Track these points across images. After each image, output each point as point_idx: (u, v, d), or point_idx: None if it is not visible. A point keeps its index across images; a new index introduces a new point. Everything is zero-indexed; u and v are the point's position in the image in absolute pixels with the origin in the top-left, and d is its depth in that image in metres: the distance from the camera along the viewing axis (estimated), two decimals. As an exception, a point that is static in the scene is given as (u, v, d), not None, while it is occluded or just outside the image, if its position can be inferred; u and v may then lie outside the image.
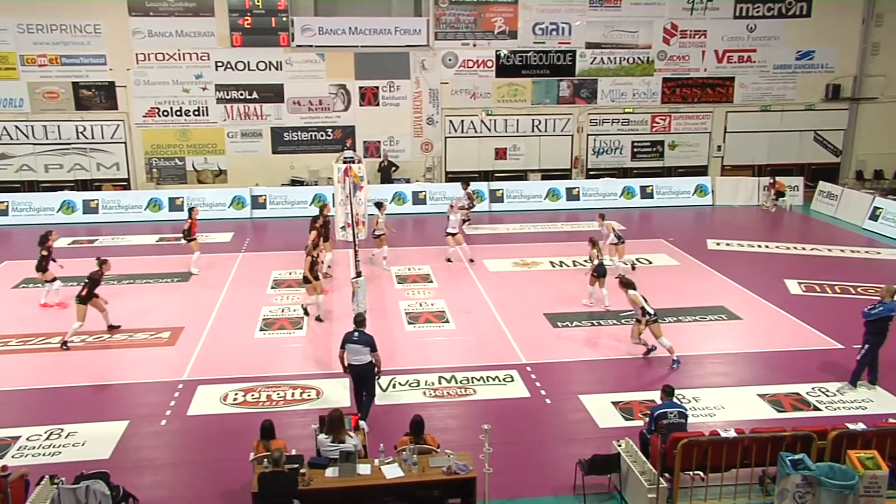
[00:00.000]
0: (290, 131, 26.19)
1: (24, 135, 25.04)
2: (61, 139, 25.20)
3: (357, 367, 10.33)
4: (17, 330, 14.31)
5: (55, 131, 25.11)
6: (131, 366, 12.85)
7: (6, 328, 14.43)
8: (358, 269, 11.89)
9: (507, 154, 27.17)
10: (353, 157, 21.33)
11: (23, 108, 24.83)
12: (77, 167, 25.47)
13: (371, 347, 10.31)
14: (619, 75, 27.01)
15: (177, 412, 11.04)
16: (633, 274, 16.16)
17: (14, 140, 25.05)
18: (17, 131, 25.00)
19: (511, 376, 12.17)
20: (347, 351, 10.36)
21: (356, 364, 10.31)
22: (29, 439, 10.21)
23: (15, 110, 24.82)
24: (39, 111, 24.93)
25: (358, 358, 10.29)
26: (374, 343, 10.36)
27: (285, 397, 11.44)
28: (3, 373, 12.50)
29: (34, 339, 13.86)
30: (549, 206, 25.29)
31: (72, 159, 25.42)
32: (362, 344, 10.30)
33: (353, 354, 10.30)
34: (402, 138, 26.72)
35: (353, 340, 10.34)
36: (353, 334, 10.38)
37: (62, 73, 24.78)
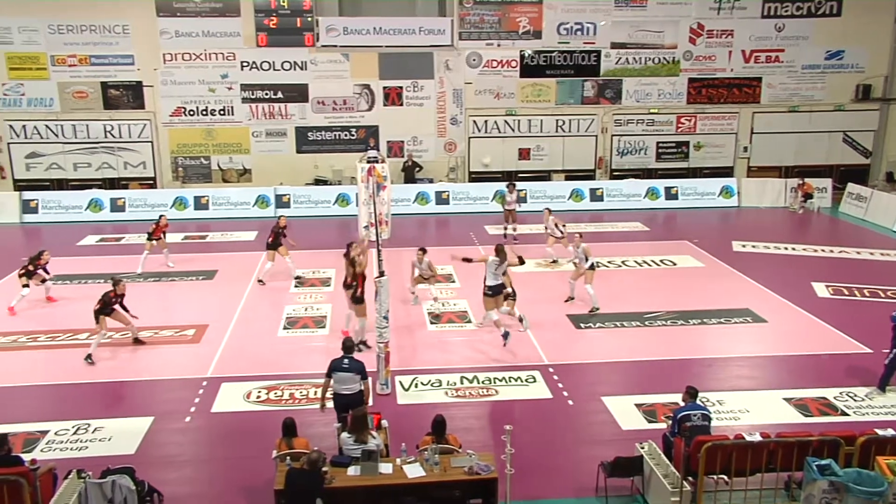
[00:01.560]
0: (315, 131, 26.34)
1: (54, 134, 25.44)
2: (90, 138, 25.58)
3: (346, 396, 9.40)
4: (46, 326, 14.53)
5: (84, 130, 25.49)
6: (156, 362, 12.99)
7: (35, 324, 14.66)
8: (381, 269, 11.89)
9: (531, 154, 27.11)
10: (377, 156, 21.48)
11: (53, 108, 25.23)
12: (105, 166, 25.82)
13: (362, 375, 9.47)
14: (645, 75, 26.83)
15: (201, 409, 11.15)
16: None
17: (44, 139, 25.45)
18: (48, 130, 25.40)
19: (533, 377, 12.14)
20: (335, 380, 9.48)
21: (346, 393, 9.40)
22: (57, 434, 10.36)
23: (45, 110, 25.22)
24: (69, 110, 25.31)
25: (348, 387, 9.41)
26: (364, 370, 9.53)
27: (308, 395, 11.49)
28: (32, 368, 12.72)
29: (62, 335, 14.06)
30: (573, 207, 25.19)
31: (100, 158, 25.78)
32: (354, 371, 9.43)
33: (342, 383, 9.43)
34: (426, 138, 26.76)
35: (343, 368, 9.45)
36: (343, 361, 9.50)
37: (91, 73, 25.14)
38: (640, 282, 17.33)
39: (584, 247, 15.20)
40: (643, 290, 16.62)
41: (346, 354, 9.69)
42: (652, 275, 17.95)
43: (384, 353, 11.38)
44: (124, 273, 16.93)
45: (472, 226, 22.69)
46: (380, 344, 11.39)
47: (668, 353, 13.13)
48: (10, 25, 24.51)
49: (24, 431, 10.35)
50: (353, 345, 9.96)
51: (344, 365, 9.54)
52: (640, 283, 17.25)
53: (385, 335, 11.43)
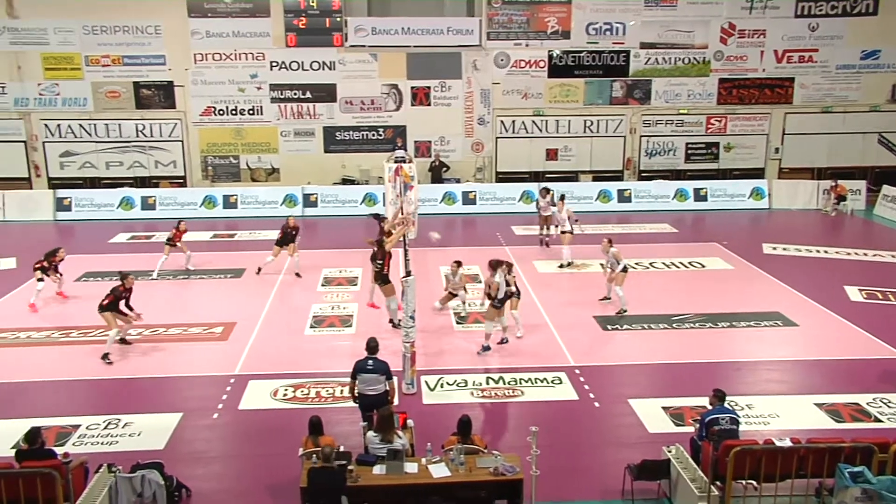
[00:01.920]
0: (342, 131, 26.48)
1: (87, 133, 25.86)
2: (122, 137, 25.97)
3: (371, 397, 9.49)
4: (78, 322, 14.75)
5: (116, 129, 25.87)
6: (185, 359, 13.15)
7: (68, 320, 14.91)
8: (408, 269, 11.93)
9: (559, 155, 27.01)
10: (404, 156, 21.54)
11: (86, 108, 25.64)
12: (136, 164, 26.20)
13: (387, 375, 9.55)
14: (674, 76, 26.60)
15: (228, 406, 11.26)
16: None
17: (78, 138, 25.88)
18: (81, 129, 25.82)
19: (559, 378, 12.09)
20: (360, 381, 9.58)
21: (371, 394, 9.50)
22: (88, 428, 10.53)
23: (79, 109, 25.65)
24: (102, 110, 25.70)
25: (373, 388, 9.52)
26: (389, 370, 9.63)
27: (334, 394, 11.56)
28: (66, 363, 12.94)
29: (94, 330, 14.26)
30: (600, 208, 25.04)
31: (131, 157, 26.16)
32: (378, 372, 9.53)
33: (367, 385, 9.53)
34: (453, 138, 26.78)
35: (367, 369, 9.53)
36: (367, 362, 9.58)
37: (124, 73, 25.51)
38: (667, 284, 17.18)
39: (613, 251, 15.02)
40: (671, 292, 16.47)
41: (371, 355, 9.73)
42: (680, 277, 17.78)
43: (410, 353, 11.41)
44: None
45: (498, 226, 22.66)
46: (406, 344, 11.42)
47: (697, 356, 13.00)
48: (47, 26, 24.95)
49: (57, 425, 10.54)
50: (377, 344, 10.00)
51: (368, 366, 9.59)
52: (667, 285, 17.10)
53: (411, 335, 11.45)
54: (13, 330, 14.34)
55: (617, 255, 15.01)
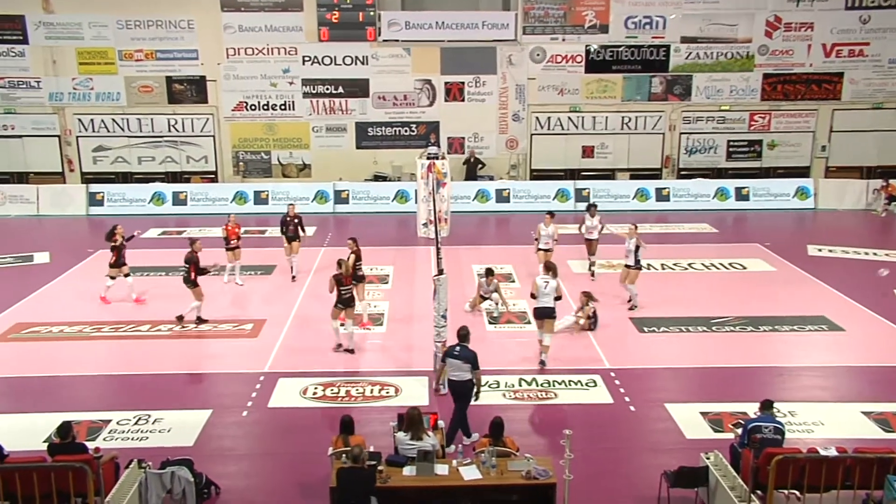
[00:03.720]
0: (375, 126, 26.57)
1: (120, 128, 26.29)
2: (154, 132, 26.35)
3: (455, 382, 10.04)
4: (109, 317, 15.04)
5: (149, 124, 26.27)
6: (215, 356, 13.34)
7: (99, 315, 15.18)
8: (440, 267, 11.93)
9: (595, 152, 26.82)
10: (437, 153, 21.57)
11: (119, 102, 26.06)
12: (168, 159, 26.57)
13: (472, 364, 9.91)
14: (716, 71, 26.22)
15: (258, 403, 11.38)
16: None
17: (111, 133, 26.33)
18: (114, 124, 26.25)
19: (594, 381, 12.03)
20: (448, 365, 10.09)
21: (455, 380, 10.04)
22: (119, 423, 10.72)
23: (112, 104, 26.07)
24: (134, 104, 26.10)
25: (458, 374, 10.00)
26: (475, 360, 9.94)
27: (364, 393, 11.63)
28: (96, 358, 13.20)
29: (125, 326, 14.53)
30: (638, 207, 24.83)
31: (163, 152, 26.54)
32: (463, 360, 9.94)
33: (454, 370, 10.04)
34: (487, 134, 26.73)
35: (454, 355, 10.02)
36: (455, 349, 10.06)
37: (157, 68, 25.86)
38: (707, 285, 17.01)
39: (637, 238, 14.96)
40: (710, 294, 16.30)
41: (460, 342, 10.08)
42: (720, 278, 17.57)
43: (442, 353, 11.40)
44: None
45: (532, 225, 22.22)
46: (437, 343, 11.44)
47: (737, 361, 12.84)
48: (81, 21, 25.41)
49: (88, 420, 10.76)
50: (467, 333, 10.24)
51: (455, 352, 10.02)
52: (707, 286, 16.92)
53: (443, 334, 11.47)
54: (46, 324, 14.64)
55: (640, 243, 14.97)
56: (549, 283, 12.61)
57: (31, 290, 16.66)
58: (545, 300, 12.56)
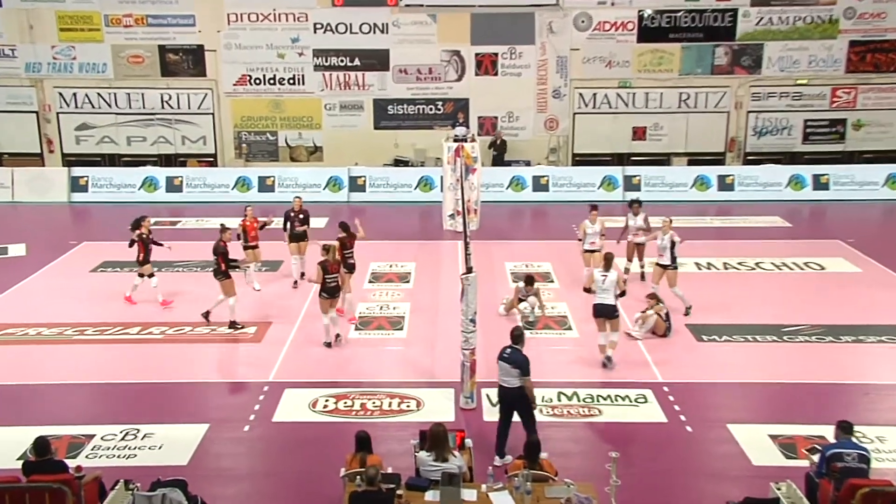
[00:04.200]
0: (395, 104, 26.64)
1: (107, 103, 26.60)
2: (145, 109, 26.65)
3: (505, 389, 10.11)
4: (94, 318, 15.21)
5: (139, 100, 26.57)
6: (213, 363, 13.47)
7: (82, 315, 15.36)
8: (468, 265, 11.92)
9: (647, 134, 26.69)
10: (466, 134, 21.56)
11: (106, 74, 26.36)
12: (161, 140, 26.87)
13: (522, 370, 9.96)
14: (792, 38, 25.94)
15: (261, 417, 11.46)
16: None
17: (96, 109, 26.65)
18: (100, 99, 26.57)
19: (644, 396, 11.98)
20: (499, 368, 10.24)
21: (505, 386, 10.12)
22: (104, 438, 10.84)
23: (98, 76, 26.37)
24: (123, 77, 26.40)
25: (507, 380, 10.07)
26: (526, 365, 10.00)
27: (381, 407, 11.68)
28: (79, 364, 13.35)
29: (111, 328, 14.71)
30: (697, 197, 24.66)
31: (156, 131, 26.83)
32: (512, 364, 10.01)
33: (503, 374, 10.15)
34: (523, 113, 26.69)
35: (504, 358, 10.14)
36: (506, 351, 10.19)
37: (148, 35, 26.13)
38: (778, 288, 16.85)
39: (672, 233, 15.14)
40: (782, 298, 16.15)
41: (512, 344, 10.23)
42: (793, 280, 17.40)
43: (469, 362, 11.44)
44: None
45: (575, 217, 22.29)
46: (465, 351, 11.45)
47: (813, 376, 12.72)
48: (63, -19, 25.74)
49: (69, 434, 10.88)
50: (522, 333, 10.38)
51: (505, 355, 10.17)
52: (778, 289, 16.76)
53: (471, 340, 11.47)
54: (21, 325, 14.85)
55: (675, 238, 15.10)
56: (608, 276, 12.70)
57: (5, 288, 16.91)
58: (604, 296, 12.72)
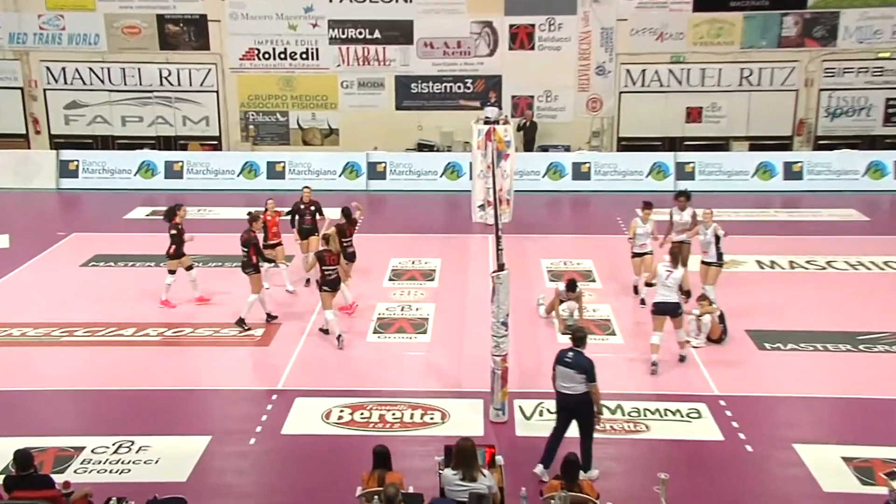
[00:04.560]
0: (420, 81, 26.68)
1: (99, 79, 26.87)
2: (141, 86, 26.90)
3: (567, 396, 10.18)
4: (85, 317, 15.34)
5: (135, 76, 26.81)
6: (216, 369, 13.54)
7: (72, 314, 15.49)
8: (500, 261, 11.89)
9: (703, 115, 26.56)
10: (498, 115, 21.51)
11: (98, 47, 26.61)
12: (159, 121, 27.11)
13: (588, 375, 10.04)
14: (873, 5, 25.68)
15: (269, 429, 11.51)
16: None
17: (87, 85, 26.93)
18: (91, 75, 26.84)
19: (698, 411, 11.91)
20: (558, 374, 10.28)
21: (567, 393, 10.18)
22: (94, 451, 10.92)
23: (89, 48, 26.63)
24: (117, 50, 26.64)
25: (569, 386, 10.14)
26: (592, 370, 10.06)
27: (402, 419, 11.70)
28: (67, 369, 13.46)
29: (104, 329, 14.83)
30: (759, 187, 24.57)
31: (153, 111, 27.07)
32: (576, 369, 10.06)
33: (564, 380, 10.19)
34: (563, 93, 26.63)
35: (564, 362, 10.19)
36: (567, 354, 10.23)
37: (145, 4, 26.36)
38: (853, 291, 16.72)
39: (715, 226, 15.07)
40: (857, 302, 16.02)
41: (574, 346, 10.26)
42: (871, 282, 17.27)
43: (501, 369, 11.41)
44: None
45: (619, 208, 22.36)
46: (496, 357, 11.42)
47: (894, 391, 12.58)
48: (50, -58, 26.04)
49: (56, 447, 10.95)
50: (584, 335, 10.41)
51: (567, 359, 10.17)
52: (852, 292, 16.63)
53: (503, 346, 11.43)
54: (4, 326, 14.98)
55: (719, 231, 14.99)
56: (673, 273, 12.82)
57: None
58: (665, 293, 12.89)
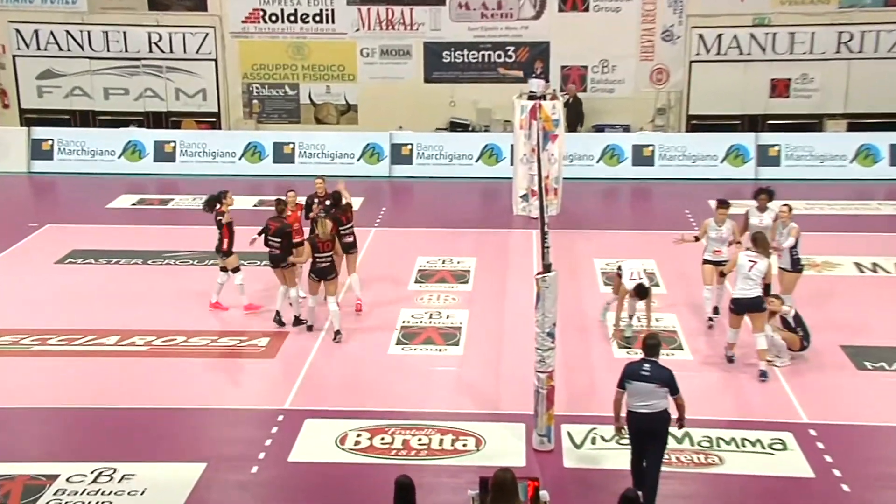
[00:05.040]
0: (453, 49, 26.73)
1: (78, 44, 27.14)
2: (127, 52, 27.11)
3: (645, 416, 10.06)
4: (61, 323, 15.45)
5: (120, 41, 27.06)
6: (212, 384, 13.62)
7: (45, 320, 15.59)
8: (546, 261, 11.84)
9: (792, 89, 26.41)
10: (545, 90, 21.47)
11: (77, 6, 26.88)
12: (148, 94, 27.36)
13: (671, 388, 10.03)
14: None
15: (274, 455, 11.54)
16: None
17: (64, 51, 27.21)
18: (69, 39, 27.11)
19: (782, 441, 11.81)
20: (630, 392, 10.14)
21: (644, 412, 10.06)
22: (70, 480, 10.96)
23: (66, 8, 26.91)
24: (99, 10, 26.90)
25: (647, 404, 10.04)
26: (674, 381, 10.05)
27: (430, 445, 11.68)
28: (39, 383, 13.54)
29: (82, 336, 14.94)
30: (860, 175, 24.48)
31: (141, 82, 27.32)
32: (658, 382, 9.99)
33: (640, 398, 10.06)
34: (622, 62, 26.61)
35: (642, 376, 10.06)
36: (643, 367, 10.14)
37: (133, -43, 26.55)
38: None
39: (793, 225, 14.86)
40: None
41: (648, 357, 10.17)
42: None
43: (546, 388, 11.37)
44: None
45: (689, 200, 22.26)
46: (540, 374, 11.39)
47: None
48: None
49: (25, 475, 11.02)
50: (658, 342, 10.35)
51: (644, 372, 10.06)
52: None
53: (549, 361, 11.39)
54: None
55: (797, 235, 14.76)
56: (757, 263, 12.85)
57: (-53, 283, 17.36)
58: (747, 287, 12.95)
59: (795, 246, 14.96)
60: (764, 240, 13.55)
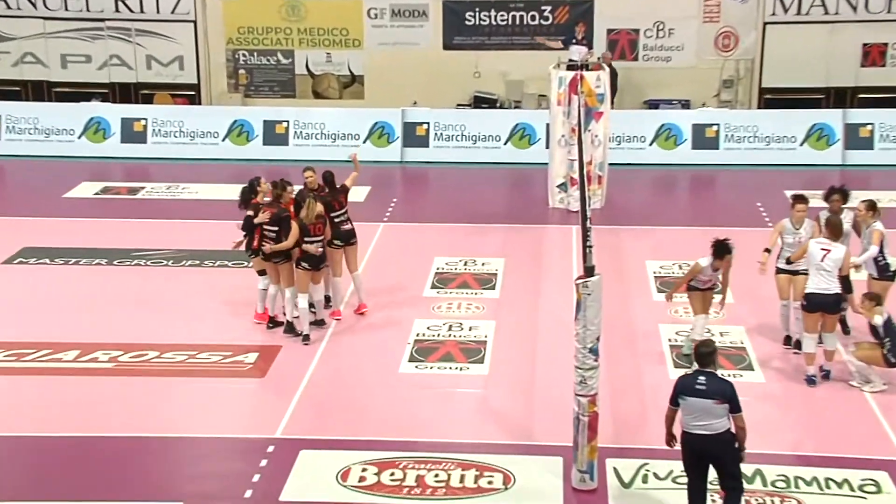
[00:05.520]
0: (478, 10, 26.83)
1: (30, 2, 27.26)
2: (90, 13, 27.25)
3: (702, 437, 10.10)
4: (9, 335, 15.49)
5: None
6: (190, 409, 13.63)
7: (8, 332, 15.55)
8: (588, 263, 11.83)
9: (888, 56, 26.43)
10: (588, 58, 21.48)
11: (31, -43, 27.07)
12: (114, 62, 27.54)
13: (732, 404, 10.03)
14: None
15: (262, 493, 11.55)
16: None
17: (13, 10, 27.33)
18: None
19: (876, 482, 11.75)
20: (685, 409, 10.24)
21: (701, 433, 10.11)
22: (25, 520, 11.17)
23: (18, -41, 27.09)
24: (56, -38, 27.07)
25: (703, 423, 10.07)
26: (736, 397, 10.07)
27: (449, 482, 11.68)
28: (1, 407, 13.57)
29: (34, 351, 14.99)
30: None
31: (106, 47, 27.51)
32: (716, 397, 10.01)
33: (697, 416, 10.11)
34: (681, 25, 26.66)
35: (697, 391, 10.09)
36: (697, 380, 10.18)
37: None
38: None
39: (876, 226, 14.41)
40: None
41: (703, 369, 10.23)
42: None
43: (588, 415, 11.37)
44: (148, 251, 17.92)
45: (761, 190, 22.27)
46: (581, 398, 11.39)
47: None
48: None
49: (-26, 513, 11.21)
50: (713, 350, 10.39)
51: (699, 385, 10.11)
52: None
53: (591, 383, 11.39)
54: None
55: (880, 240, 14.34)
56: (831, 252, 12.84)
57: None
58: (822, 280, 12.97)
59: (881, 251, 14.60)
60: (837, 223, 13.40)
